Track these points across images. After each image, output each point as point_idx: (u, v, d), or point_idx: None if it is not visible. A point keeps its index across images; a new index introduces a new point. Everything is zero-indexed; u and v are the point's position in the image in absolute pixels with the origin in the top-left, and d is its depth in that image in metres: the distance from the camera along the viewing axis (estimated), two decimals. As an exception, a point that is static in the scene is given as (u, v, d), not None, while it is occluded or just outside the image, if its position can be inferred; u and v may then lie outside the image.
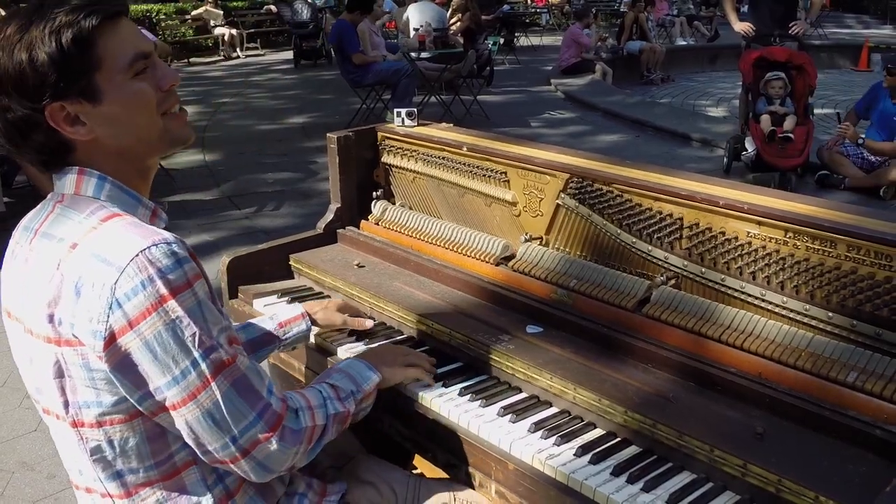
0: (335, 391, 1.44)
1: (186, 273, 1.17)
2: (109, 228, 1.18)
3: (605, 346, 1.72)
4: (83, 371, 1.18)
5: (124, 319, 1.13)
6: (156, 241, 1.16)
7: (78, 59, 1.16)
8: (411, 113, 2.37)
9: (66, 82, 1.16)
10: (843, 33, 18.77)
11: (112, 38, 1.19)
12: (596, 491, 1.36)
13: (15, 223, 4.67)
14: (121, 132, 1.23)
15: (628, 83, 12.24)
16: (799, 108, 6.46)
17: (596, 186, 1.85)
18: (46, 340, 1.19)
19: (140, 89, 1.22)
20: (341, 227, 2.43)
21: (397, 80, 8.27)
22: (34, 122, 1.18)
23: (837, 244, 1.48)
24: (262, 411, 1.23)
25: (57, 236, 1.20)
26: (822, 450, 1.36)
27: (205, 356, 1.17)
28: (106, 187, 1.25)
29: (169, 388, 1.16)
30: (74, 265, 1.16)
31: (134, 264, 1.13)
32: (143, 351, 1.14)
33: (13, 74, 1.14)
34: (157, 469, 1.26)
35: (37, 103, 1.16)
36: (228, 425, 1.20)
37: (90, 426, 1.22)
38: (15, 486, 2.83)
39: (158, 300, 1.14)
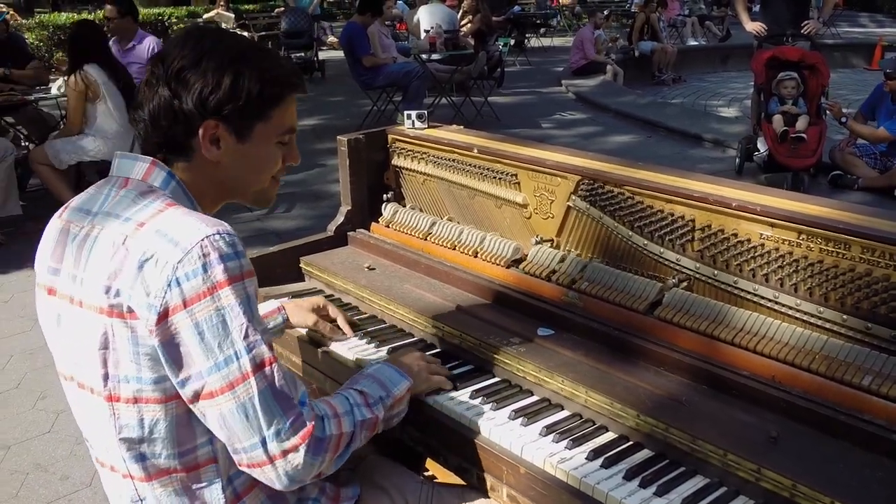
0: (363, 397, 1.44)
1: (243, 266, 1.23)
2: (175, 213, 1.25)
3: (617, 349, 1.71)
4: (129, 344, 1.22)
5: (180, 298, 1.18)
6: (220, 230, 1.23)
7: (260, 107, 1.34)
8: (422, 115, 2.37)
9: (238, 115, 1.32)
10: (856, 32, 18.65)
11: (287, 107, 1.39)
12: (608, 495, 1.35)
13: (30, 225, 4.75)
14: (238, 171, 1.38)
15: (640, 84, 12.20)
16: (811, 108, 6.42)
17: (607, 188, 1.84)
18: (98, 311, 1.23)
19: (274, 154, 1.41)
20: (352, 229, 2.43)
21: (408, 81, 8.27)
22: (188, 122, 1.30)
23: (852, 246, 1.46)
24: (294, 419, 1.24)
25: (122, 216, 1.26)
26: (837, 454, 1.35)
27: (248, 349, 1.21)
28: (172, 184, 1.33)
29: (210, 374, 1.20)
30: (140, 241, 1.21)
31: (199, 247, 1.19)
32: (191, 332, 1.19)
33: (209, 83, 1.29)
34: (179, 459, 1.29)
35: (206, 113, 1.30)
36: (259, 425, 1.21)
37: (126, 401, 1.25)
38: (29, 487, 2.85)
39: (214, 285, 1.19)
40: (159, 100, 1.30)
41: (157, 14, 15.23)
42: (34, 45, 11.50)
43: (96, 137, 5.50)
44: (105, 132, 5.51)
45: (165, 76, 1.30)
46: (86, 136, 5.51)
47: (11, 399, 3.47)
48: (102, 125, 5.50)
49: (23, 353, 3.90)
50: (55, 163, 5.43)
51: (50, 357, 3.88)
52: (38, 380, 3.62)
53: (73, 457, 3.01)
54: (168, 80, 1.30)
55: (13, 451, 3.07)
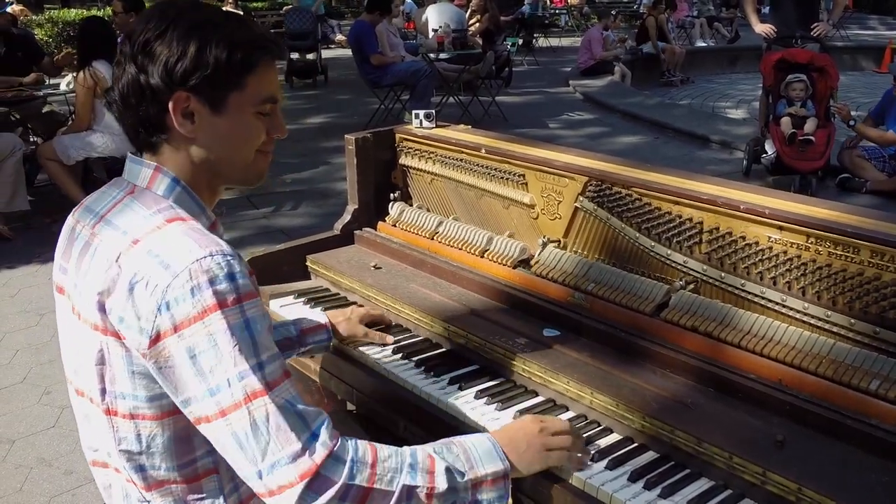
0: (430, 462, 1.25)
1: (238, 288, 1.17)
2: (172, 231, 1.20)
3: (623, 351, 1.71)
4: (124, 363, 1.21)
5: (170, 323, 1.14)
6: (213, 251, 1.17)
7: (232, 75, 1.25)
8: (430, 114, 2.37)
9: (208, 84, 1.24)
10: (866, 35, 18.57)
11: (263, 74, 1.29)
12: (613, 497, 1.34)
13: (38, 221, 4.76)
14: (215, 147, 1.30)
15: (648, 85, 12.17)
16: (820, 110, 6.39)
17: (615, 190, 1.84)
18: (93, 327, 1.22)
19: (255, 126, 1.31)
20: (358, 228, 2.43)
21: (416, 80, 8.27)
22: (157, 96, 1.24)
23: (860, 250, 1.46)
24: (293, 455, 1.14)
25: (121, 228, 1.23)
26: (843, 458, 1.34)
27: (240, 378, 1.14)
28: (176, 190, 1.29)
29: (204, 399, 1.15)
30: (133, 261, 1.18)
31: (188, 271, 1.15)
32: (184, 356, 1.15)
33: (173, 52, 1.22)
34: (179, 471, 1.27)
35: (173, 85, 1.23)
36: (254, 456, 1.14)
37: (123, 416, 1.24)
38: (33, 481, 2.86)
39: (204, 310, 1.14)
40: (127, 77, 1.25)
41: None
42: (43, 42, 11.53)
43: (104, 133, 5.51)
44: (113, 128, 5.51)
45: (132, 51, 1.24)
46: (94, 132, 5.53)
47: (17, 393, 3.48)
48: (110, 121, 5.50)
49: (29, 347, 3.91)
50: (63, 158, 5.45)
51: (55, 352, 3.90)
52: (44, 374, 3.63)
53: (78, 452, 3.02)
54: (134, 56, 1.24)
55: (18, 446, 3.08)
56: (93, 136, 5.52)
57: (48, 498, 2.76)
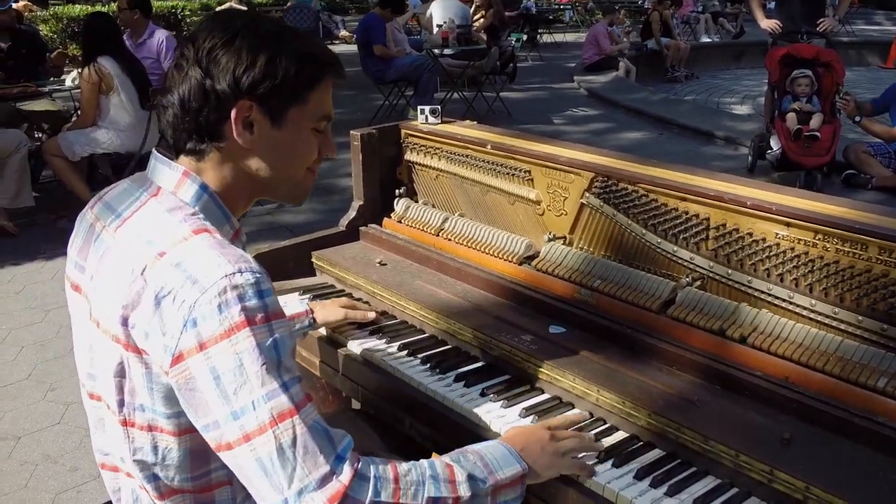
0: (450, 472, 1.23)
1: (267, 307, 1.15)
2: (199, 244, 1.18)
3: (629, 348, 1.70)
4: (144, 380, 1.18)
5: (196, 340, 1.11)
6: (242, 268, 1.14)
7: (297, 89, 1.26)
8: (435, 110, 2.36)
9: (274, 95, 1.24)
10: (871, 30, 18.50)
11: (324, 92, 1.31)
12: (619, 495, 1.34)
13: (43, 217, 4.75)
14: (269, 159, 1.29)
15: (652, 80, 12.14)
16: (825, 106, 6.37)
17: (621, 186, 1.83)
18: (115, 340, 1.19)
19: (310, 142, 1.32)
20: (364, 224, 2.42)
21: (418, 75, 8.26)
22: (221, 103, 1.23)
23: (869, 246, 1.45)
24: (322, 479, 1.11)
25: (145, 236, 1.20)
26: (851, 456, 1.34)
27: (266, 399, 1.11)
28: (203, 198, 1.27)
29: (226, 423, 1.11)
30: (159, 275, 1.14)
31: (217, 287, 1.11)
32: (207, 376, 1.11)
33: (243, 60, 1.22)
34: (192, 482, 1.26)
35: (240, 92, 1.22)
36: (280, 482, 1.10)
37: (140, 429, 1.23)
38: (38, 477, 2.86)
39: (232, 327, 1.11)
40: (190, 81, 1.23)
41: (170, 7, 15.25)
42: (48, 38, 11.54)
43: (109, 130, 5.52)
44: (118, 124, 5.52)
45: (196, 56, 1.23)
46: (99, 129, 5.53)
47: (22, 390, 3.48)
48: (115, 117, 5.51)
49: (34, 344, 3.92)
50: (68, 154, 5.45)
51: (60, 348, 3.90)
52: (49, 371, 3.64)
53: (83, 448, 3.03)
54: (199, 60, 1.22)
55: (23, 442, 3.08)
56: (98, 132, 5.52)
57: (53, 494, 2.77)
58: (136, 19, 6.12)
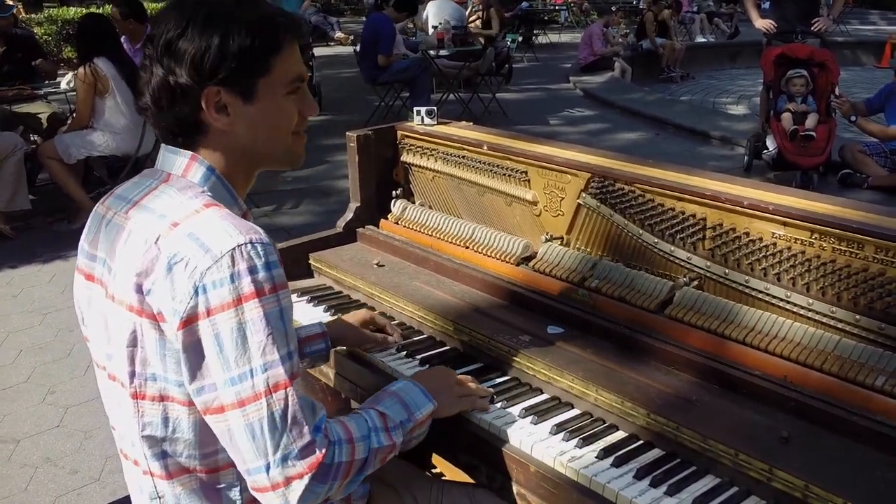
0: (383, 420, 1.36)
1: (274, 278, 1.19)
2: (210, 215, 1.22)
3: (627, 348, 1.71)
4: (157, 345, 1.21)
5: (204, 306, 1.15)
6: (253, 238, 1.19)
7: (258, 60, 1.26)
8: (431, 111, 2.37)
9: (237, 75, 1.25)
10: (866, 30, 18.55)
11: (287, 56, 1.30)
12: (619, 494, 1.34)
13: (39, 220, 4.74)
14: (254, 134, 1.31)
15: (648, 81, 12.16)
16: (821, 105, 6.38)
17: (618, 186, 1.83)
18: (129, 308, 1.22)
19: (287, 107, 1.33)
20: (361, 225, 2.42)
21: (412, 76, 8.24)
22: (189, 95, 1.24)
23: (865, 245, 1.45)
24: (304, 447, 1.18)
25: (157, 211, 1.24)
26: (849, 455, 1.34)
27: (264, 368, 1.16)
28: (211, 179, 1.30)
29: (224, 387, 1.16)
30: (172, 242, 1.18)
31: (229, 256, 1.16)
32: (211, 342, 1.16)
33: (197, 48, 1.22)
34: (201, 460, 1.28)
35: (203, 80, 1.23)
36: (266, 449, 1.16)
37: (150, 400, 1.24)
38: (38, 481, 2.86)
39: (239, 297, 1.16)
40: (156, 80, 1.25)
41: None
42: (43, 40, 11.51)
43: (105, 132, 5.50)
44: (113, 127, 5.51)
45: (156, 54, 1.25)
46: (94, 131, 5.52)
47: (21, 393, 3.48)
48: (111, 120, 5.50)
49: (32, 347, 3.91)
50: (64, 157, 5.43)
51: (59, 351, 3.90)
52: (47, 374, 3.63)
53: (82, 451, 3.02)
54: (159, 58, 1.24)
55: (22, 445, 3.08)
56: (93, 134, 5.51)
57: (53, 497, 2.77)
58: (131, 28, 6.11)
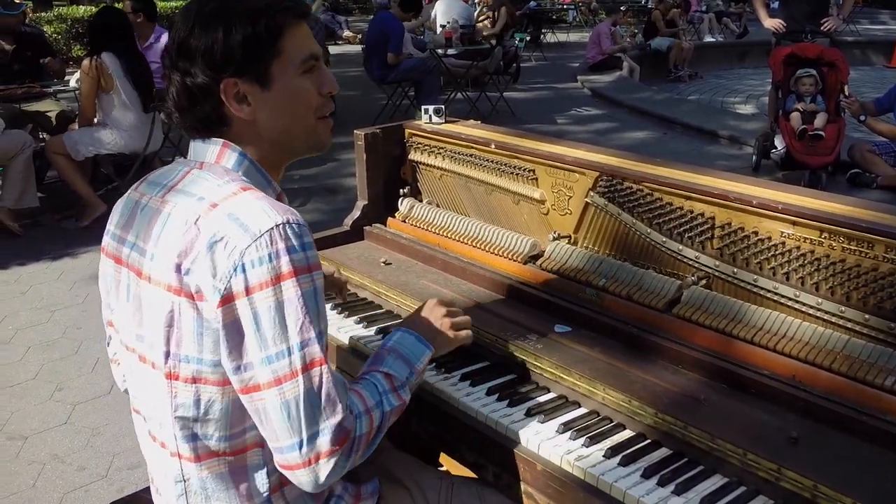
0: (390, 381, 1.40)
1: (309, 258, 1.22)
2: (248, 197, 1.24)
3: (635, 347, 1.70)
4: (194, 324, 1.22)
5: (243, 285, 1.17)
6: (290, 219, 1.22)
7: (265, 46, 1.28)
8: (439, 110, 2.37)
9: (248, 63, 1.27)
10: (876, 29, 18.48)
11: (294, 35, 1.32)
12: (626, 493, 1.34)
13: (47, 217, 4.77)
14: (278, 120, 1.33)
15: (656, 80, 12.14)
16: (830, 105, 6.36)
17: (626, 185, 1.83)
18: (167, 288, 1.23)
19: (305, 86, 1.34)
20: (368, 224, 2.43)
21: (421, 76, 8.24)
22: (207, 92, 1.28)
23: (875, 245, 1.44)
24: (336, 424, 1.22)
25: (196, 195, 1.26)
26: (859, 455, 1.33)
27: (301, 346, 1.19)
28: (245, 164, 1.33)
29: (261, 366, 1.19)
30: (212, 222, 1.21)
31: (267, 235, 1.18)
32: (249, 320, 1.18)
33: (205, 44, 1.26)
34: (229, 442, 1.29)
35: (217, 75, 1.27)
36: (300, 426, 1.19)
37: (184, 381, 1.25)
38: (46, 477, 2.87)
39: (278, 276, 1.18)
40: (175, 85, 1.30)
41: (175, 8, 15.25)
42: (52, 39, 11.56)
43: (113, 130, 5.52)
44: (121, 124, 5.53)
45: (171, 61, 1.30)
46: (103, 129, 5.54)
47: (29, 390, 3.49)
48: (118, 117, 5.52)
49: (40, 344, 3.92)
50: (72, 153, 5.46)
51: (67, 349, 3.91)
52: (55, 371, 3.65)
53: (90, 448, 3.04)
54: (174, 64, 1.29)
55: (30, 442, 3.09)
56: (101, 132, 5.53)
57: (61, 494, 2.78)
58: (140, 23, 6.11)
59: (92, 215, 5.48)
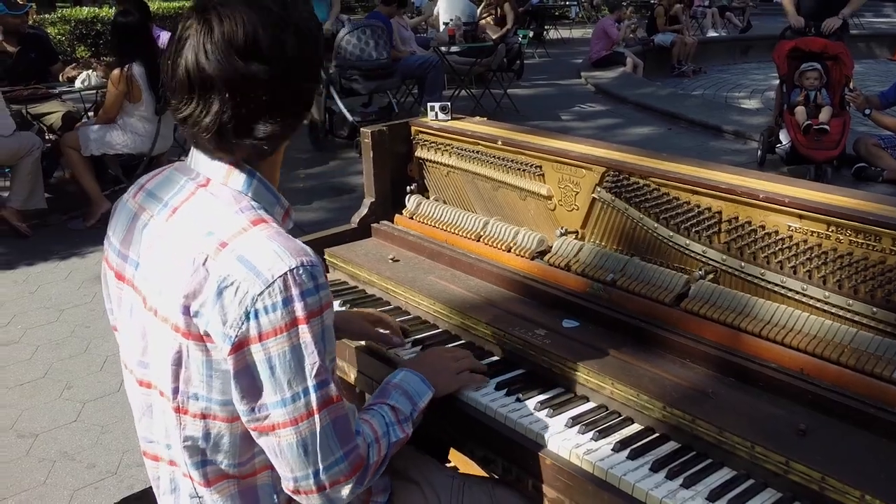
0: (395, 414, 1.42)
1: (321, 299, 1.20)
2: (258, 235, 1.20)
3: (643, 341, 1.71)
4: (203, 367, 1.21)
5: (256, 331, 1.16)
6: (304, 262, 1.18)
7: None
8: (445, 107, 2.37)
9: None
10: (880, 22, 18.41)
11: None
12: (635, 486, 1.35)
13: (55, 218, 4.76)
14: (287, 137, 1.31)
15: (659, 76, 12.12)
16: (835, 99, 6.35)
17: (633, 180, 1.83)
18: (174, 328, 1.21)
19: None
20: (375, 221, 2.43)
21: (424, 73, 8.24)
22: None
23: (882, 238, 1.45)
24: (349, 452, 1.25)
25: (203, 226, 1.21)
26: (867, 447, 1.34)
27: (318, 388, 1.19)
28: (254, 184, 1.28)
29: (276, 408, 1.19)
30: (222, 265, 1.17)
31: (281, 281, 1.15)
32: (264, 366, 1.17)
33: (320, 53, 1.31)
34: (238, 468, 1.30)
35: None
36: (316, 459, 1.21)
37: (193, 416, 1.25)
38: (56, 475, 2.89)
39: (293, 321, 1.16)
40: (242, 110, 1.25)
41: (176, 8, 15.27)
42: (56, 41, 11.57)
43: (125, 132, 5.58)
44: (136, 128, 5.61)
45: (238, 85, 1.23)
46: (117, 130, 5.58)
47: (38, 388, 3.51)
48: (135, 122, 5.61)
49: (49, 343, 3.94)
50: (81, 147, 5.50)
51: (75, 347, 3.91)
52: (65, 370, 3.67)
53: (99, 445, 3.05)
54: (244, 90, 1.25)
55: (41, 440, 3.11)
56: (113, 133, 5.57)
57: (71, 491, 2.80)
58: None
59: (97, 214, 5.51)
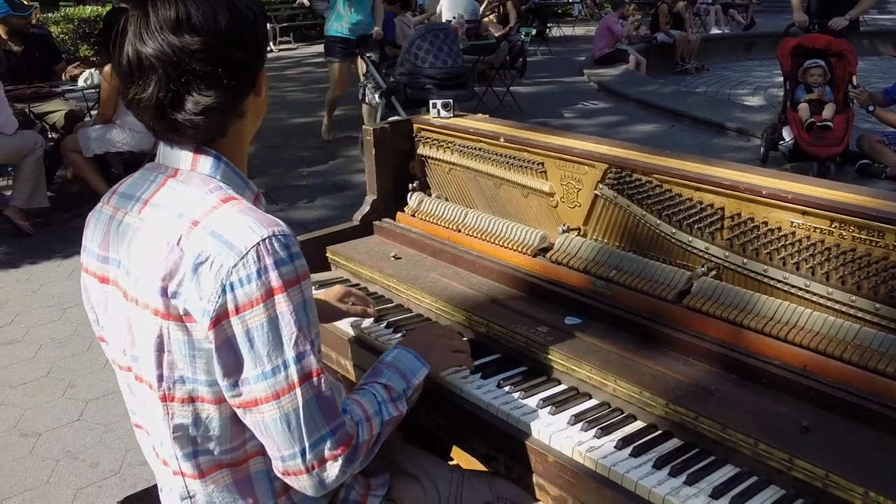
0: (388, 392, 1.41)
1: (297, 269, 1.20)
2: (230, 210, 1.21)
3: (645, 338, 1.71)
4: (185, 347, 1.20)
5: (233, 304, 1.16)
6: (275, 231, 1.19)
7: (263, 52, 1.31)
8: (447, 104, 2.37)
9: (258, 72, 1.30)
10: (884, 19, 18.36)
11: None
12: (637, 483, 1.34)
13: (57, 216, 4.77)
14: (256, 123, 1.36)
15: (662, 73, 12.10)
16: (838, 95, 6.33)
17: (635, 177, 1.83)
18: (154, 312, 1.21)
19: (267, 85, 1.35)
20: (377, 218, 2.43)
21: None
22: (234, 106, 1.26)
23: (885, 234, 1.44)
24: (336, 429, 1.23)
25: (175, 211, 1.22)
26: (870, 444, 1.34)
27: (297, 360, 1.19)
28: (221, 167, 1.28)
29: (257, 382, 1.18)
30: (195, 242, 1.18)
31: (254, 251, 1.16)
32: (242, 338, 1.17)
33: (242, 59, 1.25)
34: (230, 454, 1.29)
35: (246, 88, 1.27)
36: (301, 435, 1.20)
37: (180, 401, 1.25)
38: (60, 473, 2.89)
39: (268, 292, 1.16)
40: (194, 96, 1.26)
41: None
42: (59, 40, 11.60)
43: (124, 130, 5.57)
44: (134, 125, 5.56)
45: (195, 68, 1.24)
46: (116, 128, 5.58)
47: (41, 387, 3.52)
48: (133, 121, 5.54)
49: (52, 342, 3.95)
50: (83, 149, 5.51)
51: (78, 346, 3.92)
52: (67, 369, 3.67)
53: (102, 444, 3.06)
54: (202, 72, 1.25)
55: (44, 439, 3.11)
56: (113, 131, 5.57)
57: (75, 490, 2.80)
58: None
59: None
